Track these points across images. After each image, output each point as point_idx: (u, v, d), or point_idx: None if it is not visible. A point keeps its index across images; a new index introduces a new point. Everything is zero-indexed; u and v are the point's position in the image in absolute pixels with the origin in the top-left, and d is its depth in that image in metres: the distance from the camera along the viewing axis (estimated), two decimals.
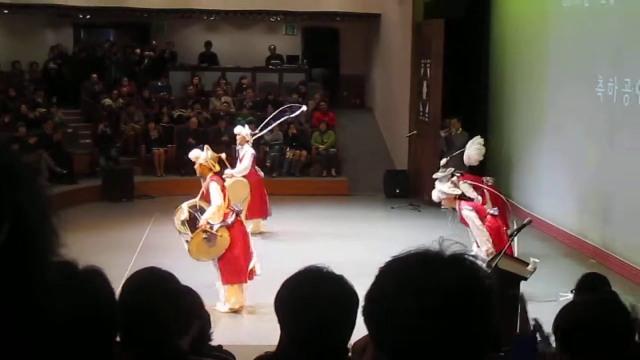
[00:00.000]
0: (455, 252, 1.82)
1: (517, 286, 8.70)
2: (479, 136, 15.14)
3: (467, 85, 20.09)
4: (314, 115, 21.92)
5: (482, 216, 11.07)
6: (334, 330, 2.50)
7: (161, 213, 16.89)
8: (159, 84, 23.55)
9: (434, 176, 12.02)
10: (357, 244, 14.27)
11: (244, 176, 14.81)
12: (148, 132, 20.60)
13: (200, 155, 11.29)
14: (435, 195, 11.56)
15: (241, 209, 11.52)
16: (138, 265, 13.13)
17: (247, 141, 15.16)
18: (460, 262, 1.81)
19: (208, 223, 10.70)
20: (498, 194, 13.07)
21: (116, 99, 22.02)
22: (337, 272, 2.69)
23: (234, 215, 10.98)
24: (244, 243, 11.04)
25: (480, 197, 12.72)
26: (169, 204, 18.06)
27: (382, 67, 24.18)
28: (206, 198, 11.23)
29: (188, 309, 3.72)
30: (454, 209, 11.40)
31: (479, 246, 10.65)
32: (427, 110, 18.84)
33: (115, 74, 23.97)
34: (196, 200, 11.33)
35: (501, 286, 8.28)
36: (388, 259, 1.88)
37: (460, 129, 17.51)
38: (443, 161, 12.67)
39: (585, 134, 14.53)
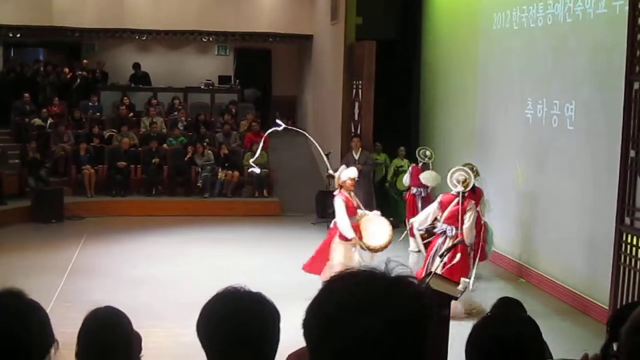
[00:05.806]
0: (400, 275, 1.84)
1: (448, 306, 8.77)
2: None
3: (399, 106, 20.24)
4: (246, 135, 21.88)
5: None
6: (254, 347, 2.49)
7: (91, 234, 16.74)
8: (90, 103, 23.31)
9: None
10: (286, 263, 14.18)
11: None
12: (78, 153, 20.33)
13: None
14: None
15: None
16: (67, 288, 12.81)
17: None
18: (403, 285, 1.82)
19: None
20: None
21: (46, 119, 21.73)
22: (264, 291, 2.65)
23: None
24: None
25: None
26: (99, 224, 17.95)
27: (314, 88, 24.28)
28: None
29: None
30: None
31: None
32: (359, 132, 18.91)
33: (48, 94, 23.61)
34: None
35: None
36: (335, 275, 1.88)
37: (361, 148, 17.98)
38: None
39: (515, 155, 14.72)
